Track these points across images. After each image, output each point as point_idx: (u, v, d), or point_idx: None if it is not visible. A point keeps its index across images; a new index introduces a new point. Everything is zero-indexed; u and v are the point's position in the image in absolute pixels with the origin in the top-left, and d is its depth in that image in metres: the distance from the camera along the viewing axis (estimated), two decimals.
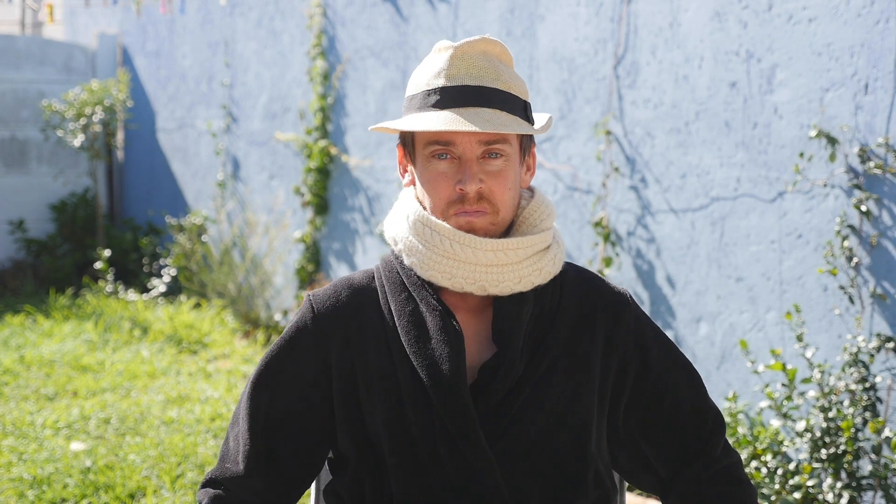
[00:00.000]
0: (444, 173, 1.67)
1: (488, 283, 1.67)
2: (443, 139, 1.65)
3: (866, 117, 3.48)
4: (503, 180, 1.67)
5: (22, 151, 8.09)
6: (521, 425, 1.68)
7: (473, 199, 1.65)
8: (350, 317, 1.73)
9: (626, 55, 4.35)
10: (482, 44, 1.67)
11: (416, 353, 1.67)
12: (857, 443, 3.30)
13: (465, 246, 1.65)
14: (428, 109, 1.65)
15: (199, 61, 7.62)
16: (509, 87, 1.67)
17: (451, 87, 1.65)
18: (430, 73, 1.67)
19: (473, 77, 1.65)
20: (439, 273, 1.67)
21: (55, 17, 7.98)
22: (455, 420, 1.64)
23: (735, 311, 3.96)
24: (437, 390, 1.65)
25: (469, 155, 1.65)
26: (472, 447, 1.64)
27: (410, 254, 1.70)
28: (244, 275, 6.76)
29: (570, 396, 1.70)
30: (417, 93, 1.69)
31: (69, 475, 3.89)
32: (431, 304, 1.69)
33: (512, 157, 1.68)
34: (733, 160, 3.94)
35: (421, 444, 1.66)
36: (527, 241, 1.68)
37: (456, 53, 1.67)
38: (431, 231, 1.67)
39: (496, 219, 1.68)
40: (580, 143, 4.56)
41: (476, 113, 1.63)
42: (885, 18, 3.42)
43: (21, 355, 5.69)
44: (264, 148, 6.93)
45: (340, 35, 6.16)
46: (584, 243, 4.56)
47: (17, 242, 7.98)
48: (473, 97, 1.64)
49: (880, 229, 3.47)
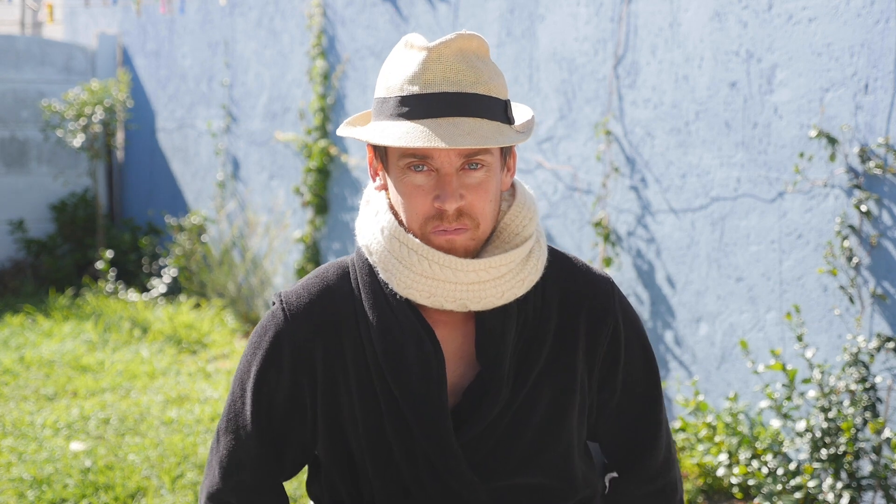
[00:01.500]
0: (420, 187, 1.55)
1: (469, 301, 1.58)
2: (419, 152, 1.53)
3: (866, 117, 3.48)
4: (484, 193, 1.56)
5: (22, 151, 8.08)
6: (506, 446, 1.64)
7: (452, 216, 1.55)
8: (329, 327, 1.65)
9: (626, 55, 4.35)
10: (458, 41, 1.54)
11: (396, 379, 1.61)
12: (858, 443, 3.30)
13: (444, 267, 1.56)
14: (401, 119, 1.53)
15: (199, 61, 7.62)
16: (489, 90, 1.55)
17: (426, 94, 1.52)
18: (403, 77, 1.54)
19: (451, 82, 1.52)
20: (418, 292, 1.58)
21: (55, 17, 7.98)
22: (437, 451, 1.61)
23: (735, 311, 3.95)
24: (417, 420, 1.60)
25: (447, 169, 1.54)
26: (455, 476, 1.61)
27: (386, 269, 1.60)
28: (244, 275, 6.76)
29: (555, 411, 1.66)
30: (389, 97, 1.55)
31: (69, 475, 3.89)
32: (411, 324, 1.61)
33: (493, 166, 1.58)
34: (733, 160, 3.94)
35: (403, 467, 1.63)
36: (509, 257, 1.59)
37: (431, 56, 1.53)
38: (409, 250, 1.57)
39: (476, 234, 1.58)
40: (580, 143, 4.56)
41: (454, 124, 1.51)
42: (885, 18, 3.42)
43: (21, 355, 5.69)
44: (264, 148, 6.93)
45: (340, 35, 6.16)
46: (584, 243, 4.56)
47: (17, 242, 7.98)
48: (451, 106, 1.52)
49: (880, 229, 3.47)
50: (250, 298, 6.70)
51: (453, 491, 1.63)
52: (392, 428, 1.62)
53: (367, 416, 1.63)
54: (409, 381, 1.60)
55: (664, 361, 4.25)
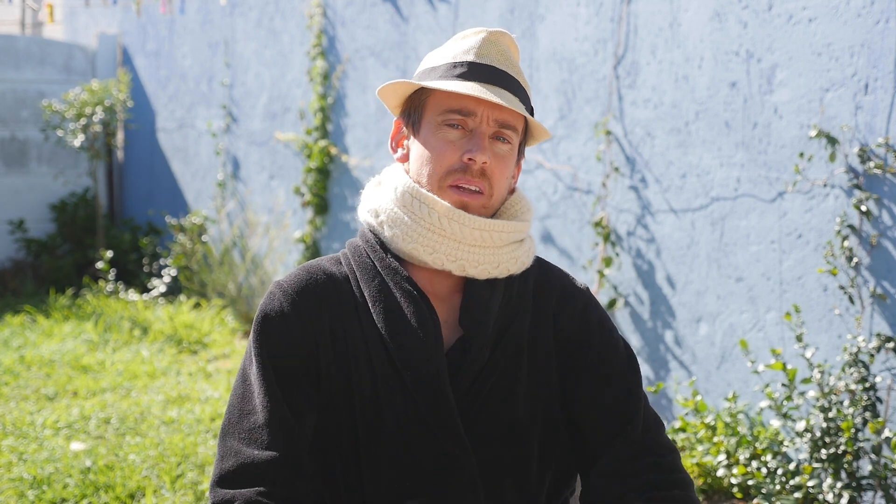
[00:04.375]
0: (453, 142, 1.66)
1: (468, 263, 1.66)
2: (464, 109, 1.65)
3: (866, 117, 3.48)
4: (504, 166, 1.68)
5: (22, 151, 8.09)
6: (490, 411, 1.68)
7: (477, 171, 1.65)
8: (328, 302, 1.68)
9: (626, 55, 4.35)
10: (508, 39, 1.72)
11: (394, 341, 1.65)
12: (857, 443, 3.30)
13: (453, 221, 1.64)
14: (453, 79, 1.66)
15: (199, 61, 7.62)
16: (523, 84, 1.73)
17: (480, 63, 1.67)
18: (459, 49, 1.69)
19: (502, 63, 1.69)
20: (422, 246, 1.65)
21: (55, 17, 7.98)
22: (432, 408, 1.64)
23: (735, 311, 3.96)
24: (414, 378, 1.64)
25: (483, 129, 1.66)
26: (450, 435, 1.64)
27: (393, 225, 1.67)
28: (244, 275, 6.76)
29: (537, 387, 1.71)
30: (440, 65, 1.69)
31: (69, 475, 3.89)
32: (406, 289, 1.67)
33: (514, 150, 1.71)
34: (733, 160, 3.94)
35: (393, 431, 1.65)
36: (511, 225, 1.69)
37: (489, 38, 1.70)
38: (420, 203, 1.65)
39: (489, 202, 1.68)
40: (580, 143, 4.56)
41: (500, 93, 1.65)
42: (885, 18, 3.42)
43: (21, 355, 5.69)
44: (264, 148, 6.93)
45: (340, 35, 6.16)
46: (584, 243, 4.56)
47: (17, 242, 7.98)
48: (500, 78, 1.67)
49: (880, 229, 3.47)
50: (250, 298, 6.70)
51: (448, 456, 1.64)
52: (385, 391, 1.65)
53: (361, 381, 1.66)
54: (407, 342, 1.64)
55: (664, 361, 4.25)
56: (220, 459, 1.63)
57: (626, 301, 4.38)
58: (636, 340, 4.36)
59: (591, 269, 4.48)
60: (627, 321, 4.39)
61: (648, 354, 4.31)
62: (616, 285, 4.41)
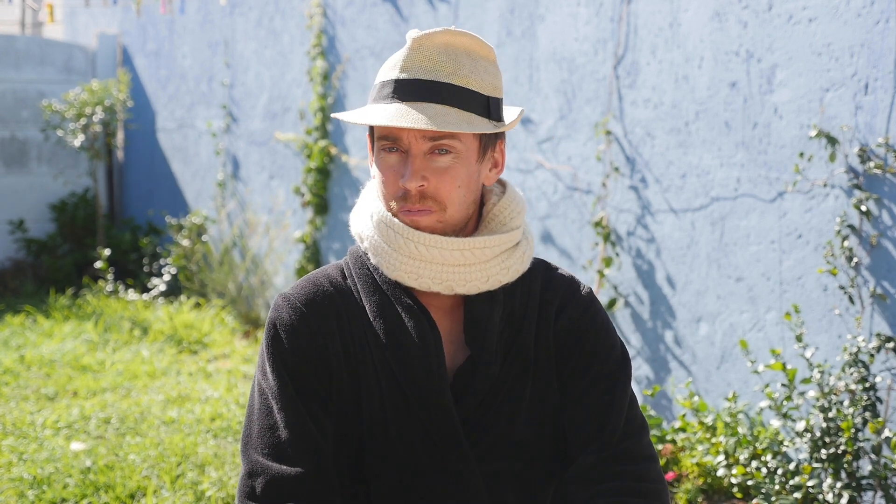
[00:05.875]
0: (392, 167, 1.62)
1: (455, 283, 1.64)
2: (390, 134, 1.61)
3: (866, 117, 3.48)
4: (450, 178, 1.61)
5: (22, 151, 8.09)
6: (497, 429, 1.66)
7: (416, 197, 1.61)
8: (335, 313, 1.68)
9: (626, 55, 4.35)
10: (444, 35, 1.61)
11: (396, 357, 1.63)
12: (857, 443, 3.30)
13: (430, 247, 1.61)
14: (381, 101, 1.61)
15: (199, 61, 7.62)
16: (467, 83, 1.60)
17: (403, 79, 1.60)
18: (388, 65, 1.63)
19: (427, 70, 1.60)
20: (406, 274, 1.63)
21: (55, 17, 7.98)
22: (437, 425, 1.63)
23: (735, 311, 3.96)
24: (419, 395, 1.62)
25: (414, 151, 1.60)
26: (456, 452, 1.63)
27: (376, 253, 1.66)
28: (244, 275, 6.76)
29: (543, 398, 1.69)
30: (377, 83, 1.65)
31: (69, 475, 3.89)
32: (406, 305, 1.65)
33: (464, 155, 1.62)
34: (733, 160, 3.94)
35: (401, 448, 1.64)
36: (494, 240, 1.65)
37: (413, 46, 1.61)
38: (395, 233, 1.63)
39: (443, 216, 1.63)
40: (580, 143, 4.56)
41: (423, 108, 1.57)
42: (885, 18, 3.42)
43: (21, 355, 5.69)
44: (264, 148, 6.93)
45: (340, 35, 6.16)
46: (584, 243, 4.56)
47: (17, 242, 7.98)
48: (424, 91, 1.58)
49: (880, 229, 3.47)
50: (250, 298, 6.70)
51: (451, 472, 1.64)
52: (391, 407, 1.64)
53: (370, 392, 1.65)
54: (408, 357, 1.63)
55: (664, 361, 4.25)
56: (246, 475, 1.62)
57: (626, 301, 4.38)
58: (636, 340, 4.36)
59: (591, 269, 4.48)
60: (627, 321, 4.39)
61: (648, 354, 4.31)
62: (616, 285, 4.41)
